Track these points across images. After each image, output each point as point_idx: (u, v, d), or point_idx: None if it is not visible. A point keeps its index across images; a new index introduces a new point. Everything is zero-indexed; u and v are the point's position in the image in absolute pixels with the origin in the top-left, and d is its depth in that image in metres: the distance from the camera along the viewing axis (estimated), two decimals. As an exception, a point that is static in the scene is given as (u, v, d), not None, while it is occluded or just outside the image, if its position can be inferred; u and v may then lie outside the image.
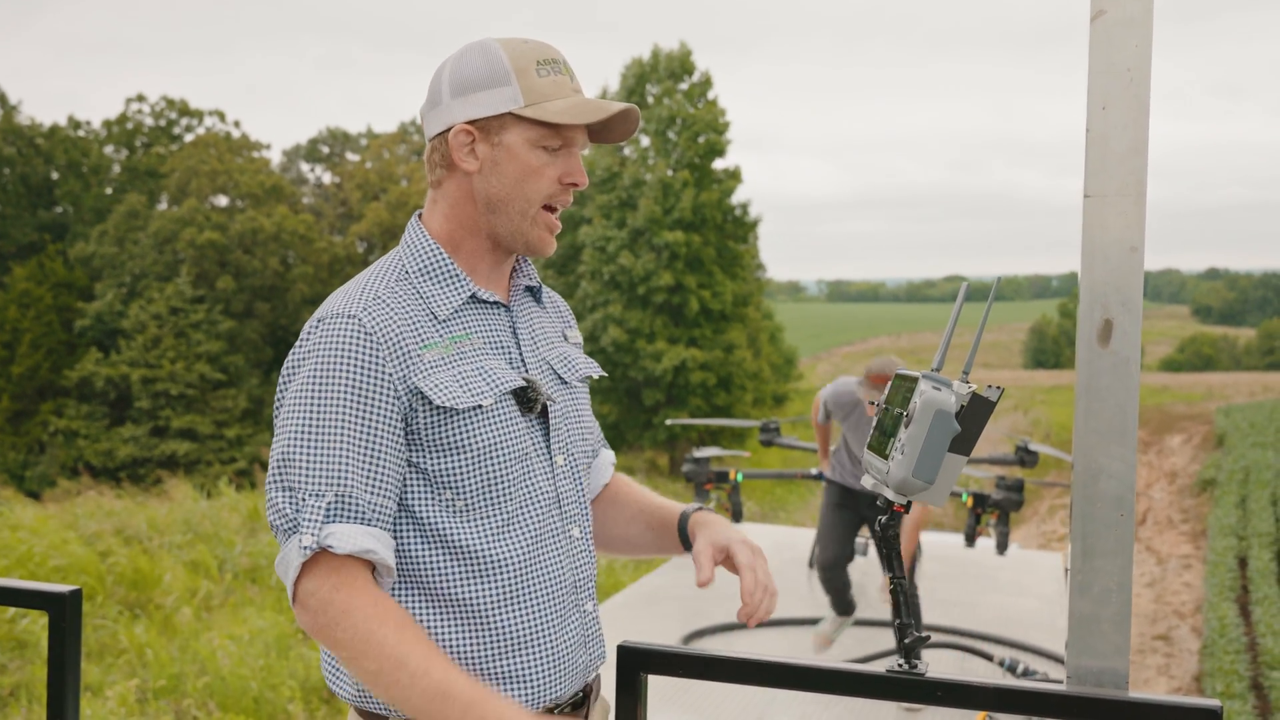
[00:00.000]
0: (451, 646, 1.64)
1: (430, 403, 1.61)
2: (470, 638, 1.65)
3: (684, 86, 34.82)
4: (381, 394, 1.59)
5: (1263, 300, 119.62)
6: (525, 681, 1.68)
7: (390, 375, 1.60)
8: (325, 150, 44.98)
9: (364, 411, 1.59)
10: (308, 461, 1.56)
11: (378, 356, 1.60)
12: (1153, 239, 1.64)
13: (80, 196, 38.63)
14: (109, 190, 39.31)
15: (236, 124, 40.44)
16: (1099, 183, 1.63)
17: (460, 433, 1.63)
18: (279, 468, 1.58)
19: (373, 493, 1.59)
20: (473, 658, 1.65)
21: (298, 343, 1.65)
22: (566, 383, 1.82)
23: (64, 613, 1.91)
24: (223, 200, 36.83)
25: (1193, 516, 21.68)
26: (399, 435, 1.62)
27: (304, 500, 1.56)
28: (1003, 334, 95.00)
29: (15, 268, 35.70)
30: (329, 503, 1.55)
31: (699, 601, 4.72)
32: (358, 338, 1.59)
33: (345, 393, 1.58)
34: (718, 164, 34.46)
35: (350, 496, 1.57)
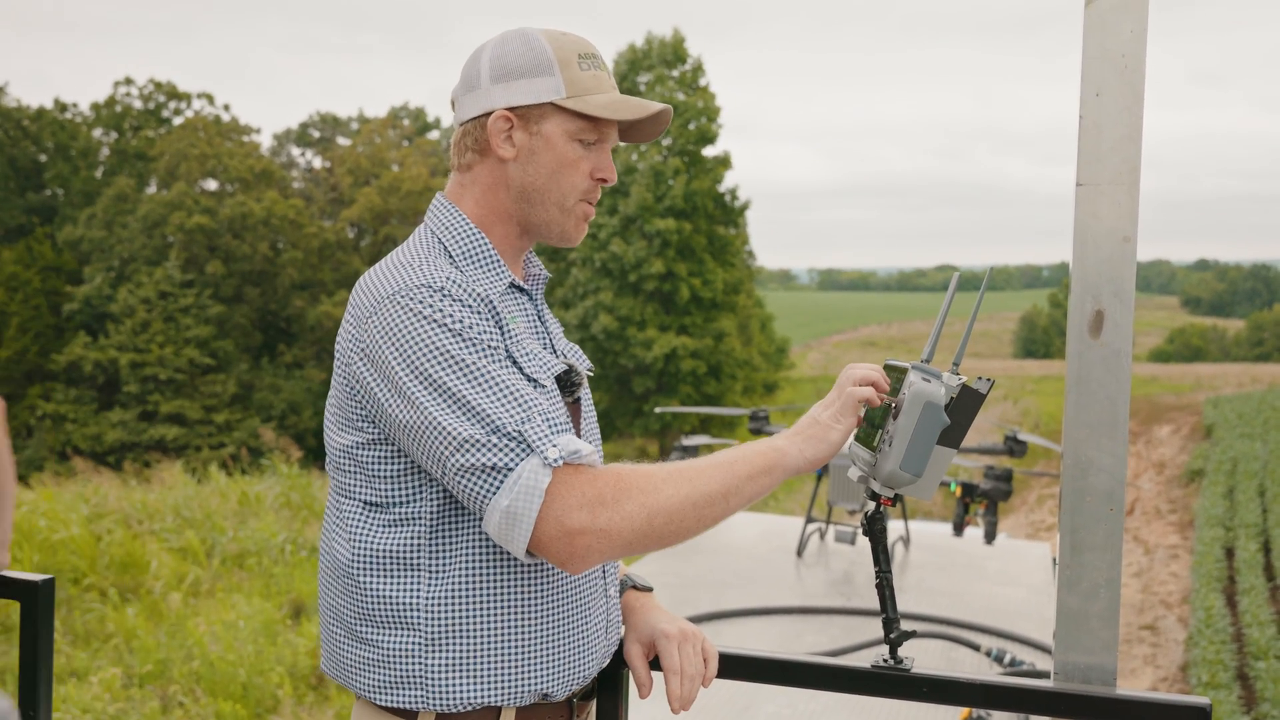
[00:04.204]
0: (490, 629, 1.61)
1: (520, 371, 1.60)
2: (509, 623, 1.62)
3: (676, 74, 34.72)
4: (500, 347, 1.57)
5: (1252, 292, 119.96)
6: (556, 664, 1.66)
7: (496, 334, 1.58)
8: (315, 134, 44.80)
9: (504, 359, 1.56)
10: (494, 401, 1.49)
11: (481, 317, 1.57)
12: (1142, 229, 1.61)
13: (68, 179, 38.44)
14: (97, 174, 39.12)
15: (226, 107, 40.26)
16: (1092, 171, 1.60)
17: None
18: (466, 418, 1.48)
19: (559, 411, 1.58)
20: (509, 639, 1.62)
21: (369, 322, 1.57)
22: (580, 374, 1.82)
23: (36, 602, 1.88)
24: (212, 184, 36.67)
25: (1180, 507, 21.75)
26: None
27: (519, 428, 1.48)
28: (993, 324, 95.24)
29: (3, 250, 35.51)
30: (541, 424, 1.50)
31: (687, 590, 4.70)
32: (456, 304, 1.55)
33: (480, 344, 1.53)
34: (707, 151, 34.41)
35: (553, 413, 1.54)
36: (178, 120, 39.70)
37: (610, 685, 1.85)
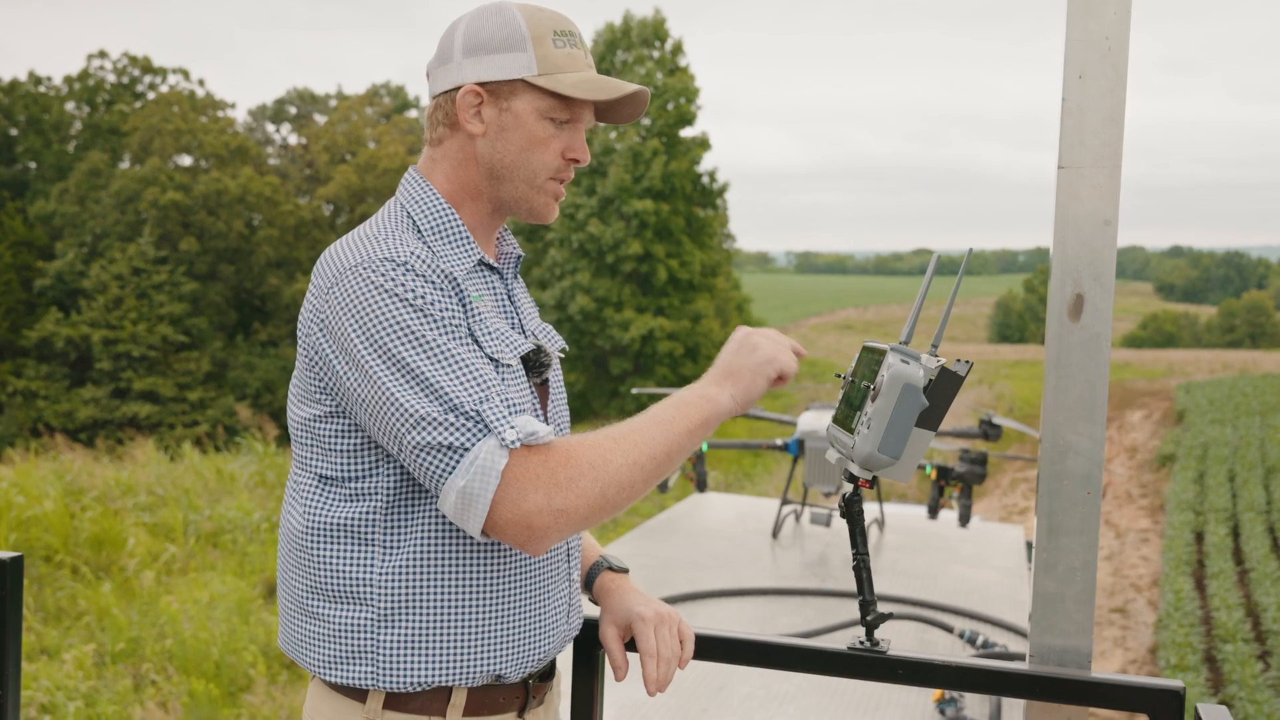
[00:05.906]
0: (444, 607, 1.59)
1: (480, 350, 1.57)
2: (464, 601, 1.60)
3: (655, 54, 34.58)
4: (462, 325, 1.55)
5: (1224, 278, 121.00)
6: (512, 646, 1.64)
7: (459, 312, 1.55)
8: (292, 111, 44.40)
9: (465, 336, 1.54)
10: (452, 380, 1.46)
11: (445, 294, 1.54)
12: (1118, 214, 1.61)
13: (41, 153, 37.95)
14: (70, 148, 38.62)
15: (201, 82, 39.77)
16: (1074, 154, 1.59)
17: None
18: (424, 395, 1.46)
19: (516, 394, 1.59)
20: (463, 618, 1.60)
21: (330, 293, 1.54)
22: (550, 354, 1.80)
23: (4, 580, 1.85)
24: (186, 160, 36.29)
25: (1151, 491, 21.95)
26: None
27: (477, 408, 1.46)
28: (968, 308, 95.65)
29: (-27, 225, 35.06)
30: (499, 405, 1.47)
31: (662, 571, 4.71)
32: (419, 279, 1.52)
33: (441, 321, 1.51)
34: (685, 132, 34.32)
35: (512, 394, 1.55)
36: (152, 95, 39.22)
37: (585, 667, 1.84)
